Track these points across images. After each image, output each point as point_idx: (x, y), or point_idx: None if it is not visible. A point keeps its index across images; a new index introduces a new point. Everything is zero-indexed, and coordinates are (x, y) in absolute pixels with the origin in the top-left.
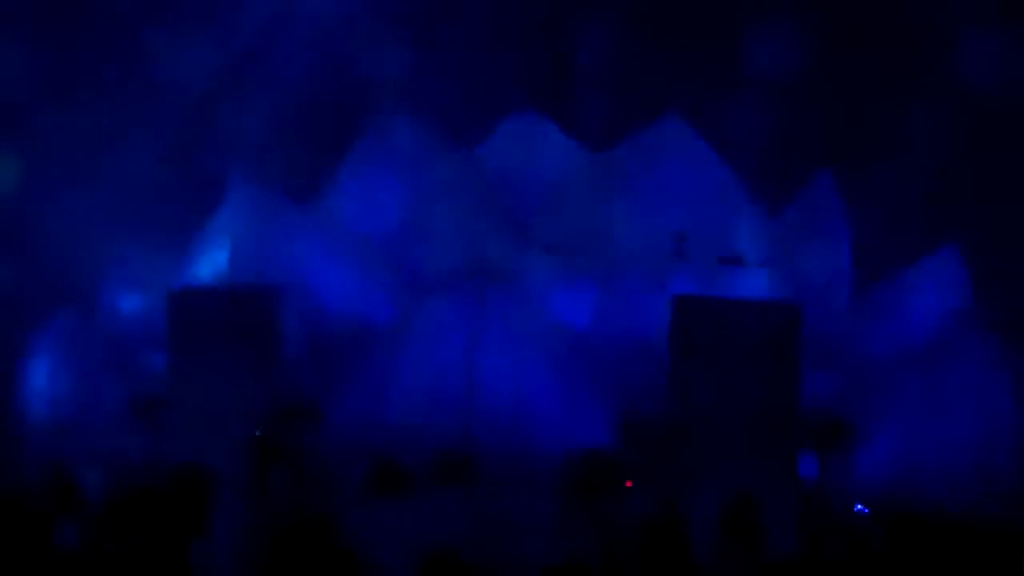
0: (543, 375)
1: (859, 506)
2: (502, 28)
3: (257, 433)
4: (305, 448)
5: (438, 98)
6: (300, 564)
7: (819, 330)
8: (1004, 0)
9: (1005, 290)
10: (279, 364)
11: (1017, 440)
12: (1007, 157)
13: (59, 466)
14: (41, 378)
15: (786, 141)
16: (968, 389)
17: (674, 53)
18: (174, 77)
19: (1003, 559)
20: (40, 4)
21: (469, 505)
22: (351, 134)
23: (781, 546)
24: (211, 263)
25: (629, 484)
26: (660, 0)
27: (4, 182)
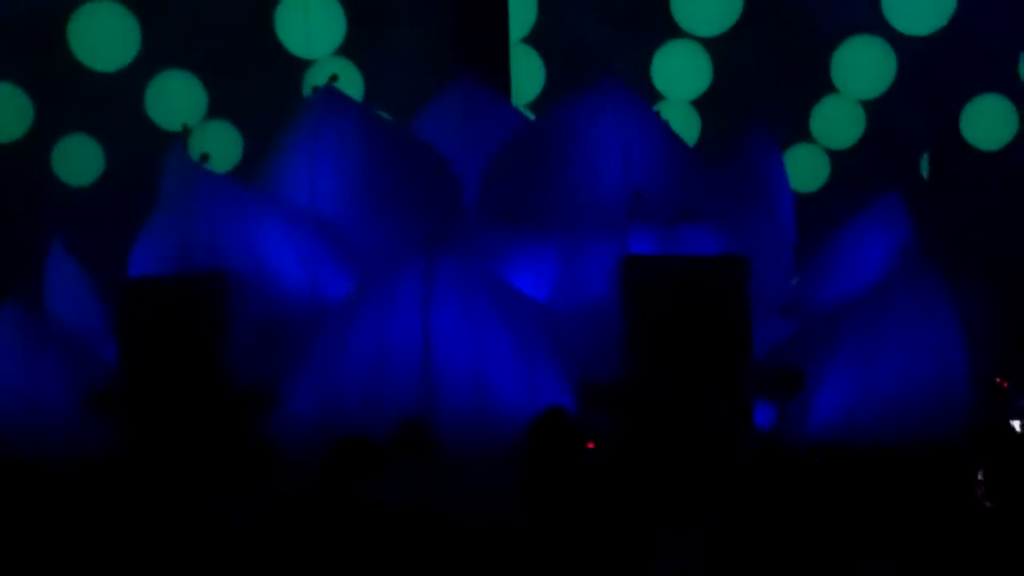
0: (500, 343)
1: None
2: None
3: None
4: (261, 433)
5: (373, 70)
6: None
7: (767, 281)
8: None
9: (945, 226)
10: (228, 351)
11: (966, 370)
12: (945, 96)
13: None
14: None
15: (722, 93)
16: (915, 326)
17: (604, 12)
18: (100, 58)
19: (954, 484)
20: None
21: (431, 475)
22: (287, 110)
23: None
24: (156, 251)
25: (591, 445)
26: None
27: None
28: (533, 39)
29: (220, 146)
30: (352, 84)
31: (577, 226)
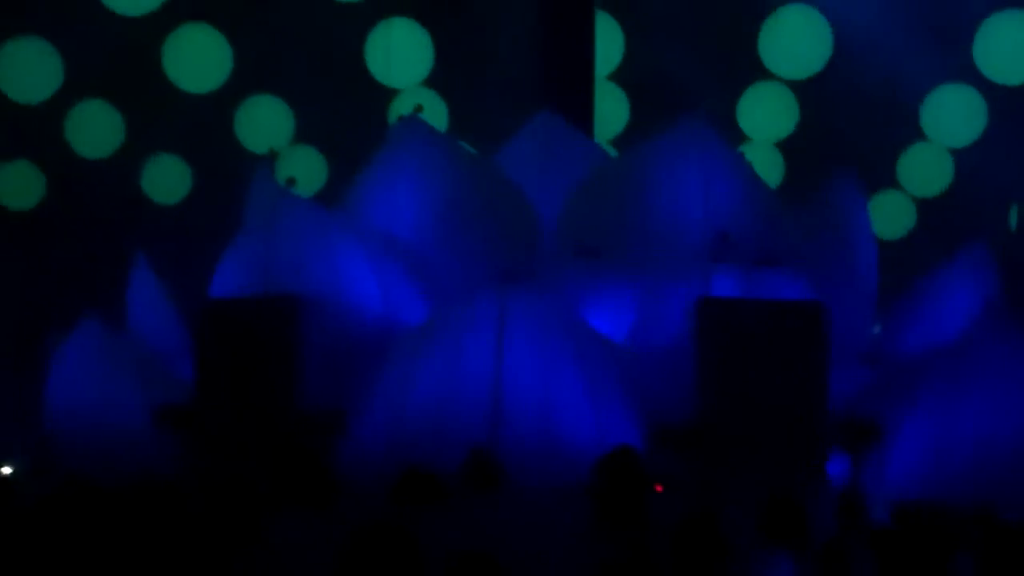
0: (570, 379)
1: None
2: (520, 33)
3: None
4: (331, 457)
5: (459, 102)
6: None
7: (846, 329)
8: None
9: None
10: (302, 373)
11: None
12: None
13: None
14: (66, 385)
15: (808, 136)
16: (997, 382)
17: (694, 53)
18: (192, 80)
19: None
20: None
21: (498, 511)
22: (373, 138)
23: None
24: (239, 271)
25: (659, 488)
26: (677, 2)
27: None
28: (619, 76)
29: (305, 171)
30: (437, 115)
31: (655, 265)
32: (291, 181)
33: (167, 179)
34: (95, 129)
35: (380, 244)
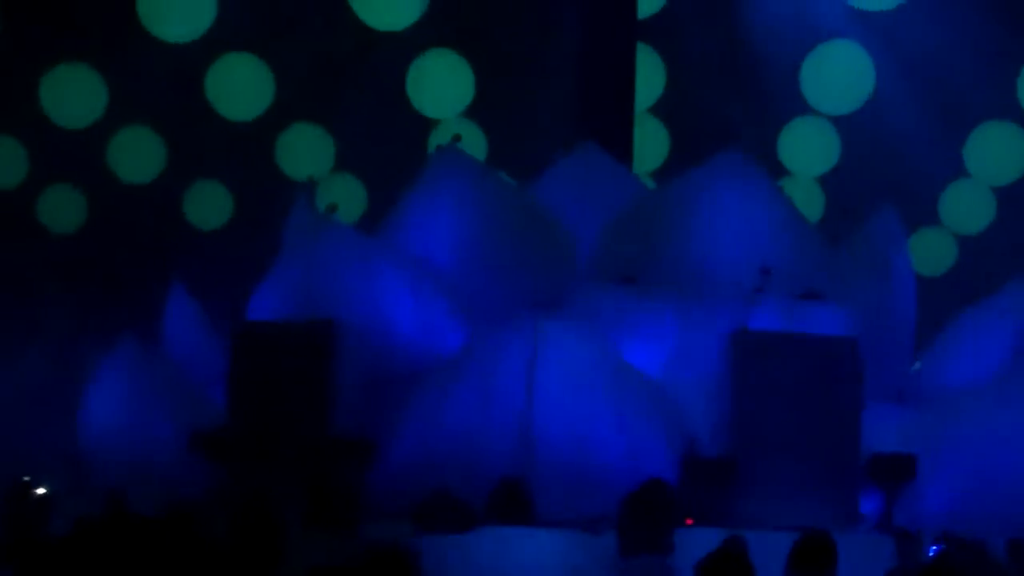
0: (603, 410)
1: (934, 548)
2: (562, 64)
3: None
4: (362, 483)
5: (498, 131)
6: None
7: (884, 365)
8: None
9: None
10: (335, 399)
11: None
12: None
13: (120, 496)
14: (101, 407)
15: (849, 175)
16: None
17: (735, 87)
18: (231, 108)
19: None
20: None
21: (525, 542)
22: (411, 167)
23: None
24: (277, 296)
25: (690, 521)
26: (718, 33)
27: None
28: (659, 109)
29: (345, 198)
30: (476, 145)
31: (691, 297)
32: (332, 207)
33: (208, 205)
34: (138, 155)
35: (419, 271)
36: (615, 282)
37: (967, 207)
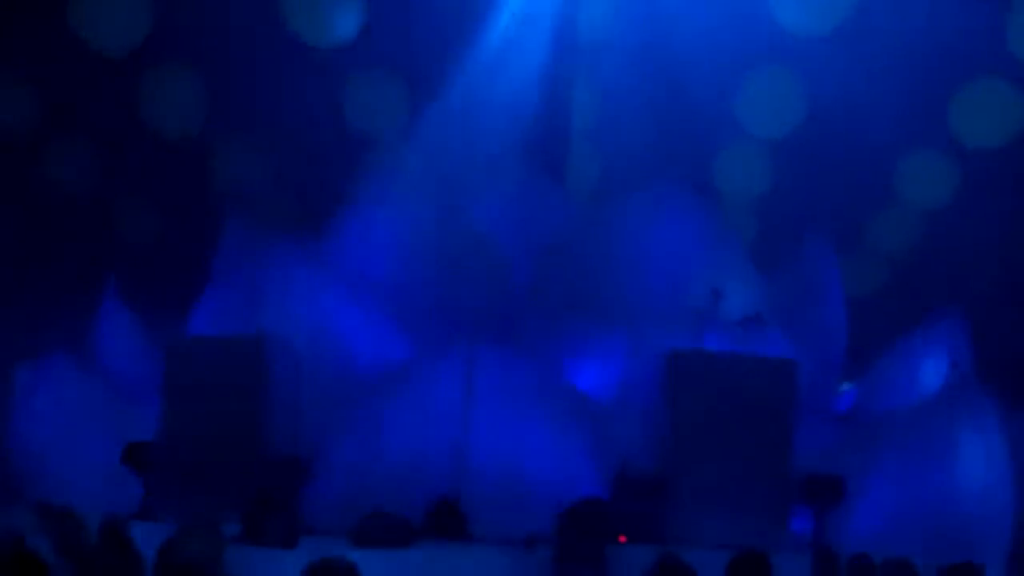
0: (537, 431)
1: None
2: (498, 86)
3: None
4: (297, 499)
5: (432, 149)
6: None
7: (815, 387)
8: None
9: (1004, 349)
10: (269, 414)
11: (1012, 496)
12: (1006, 210)
13: (51, 511)
14: (32, 419)
15: (781, 199)
16: (963, 445)
17: (668, 112)
18: (166, 122)
19: None
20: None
21: (461, 559)
22: (344, 185)
23: None
24: (217, 310)
25: (623, 539)
26: (653, 59)
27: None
28: (594, 131)
29: (281, 213)
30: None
31: (627, 320)
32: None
33: (141, 218)
34: (74, 164)
35: (365, 285)
36: (549, 305)
37: (897, 230)
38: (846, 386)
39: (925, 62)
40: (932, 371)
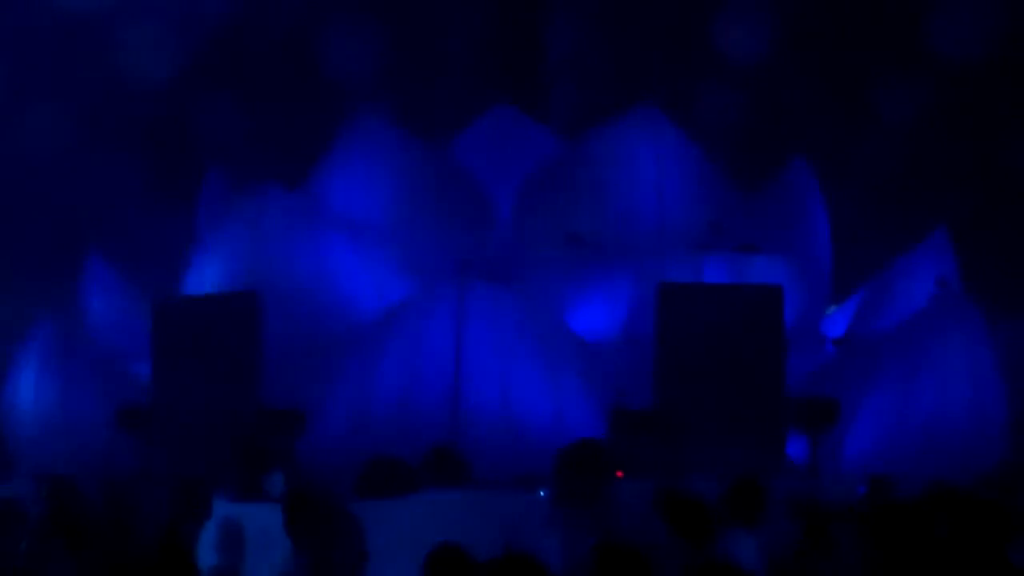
0: (528, 368)
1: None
2: (473, 24)
3: None
4: (295, 450)
5: (412, 94)
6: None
7: (803, 313)
8: None
9: (990, 265)
10: (261, 368)
11: (1004, 411)
12: (987, 131)
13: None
14: (25, 389)
15: (760, 126)
16: (951, 356)
17: (645, 42)
18: (141, 74)
19: (985, 532)
20: None
21: (463, 501)
22: (325, 133)
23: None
24: (197, 268)
25: (620, 474)
26: None
27: None
28: (574, 63)
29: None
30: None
31: (644, 255)
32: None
33: (119, 174)
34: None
35: (361, 230)
36: (533, 240)
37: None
38: (831, 309)
39: None
40: (926, 290)
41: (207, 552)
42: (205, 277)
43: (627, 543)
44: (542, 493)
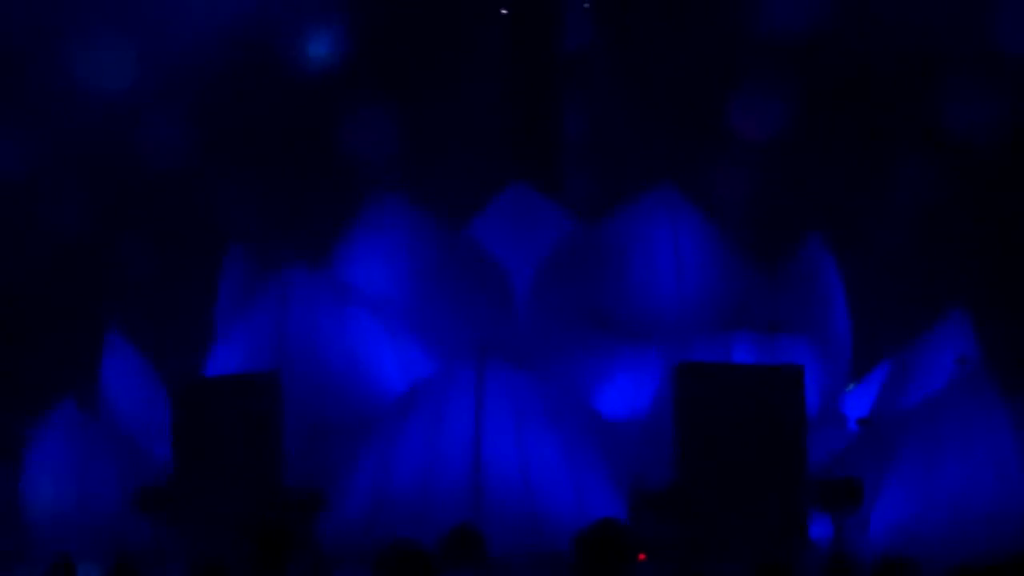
0: (548, 450)
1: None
2: (490, 104)
3: None
4: (314, 534)
5: (430, 177)
6: None
7: (824, 393)
8: (982, 52)
9: (1010, 346)
10: (282, 449)
11: None
12: (1003, 209)
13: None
14: (42, 470)
15: (776, 205)
16: (973, 436)
17: (661, 123)
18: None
19: None
20: None
21: None
22: (343, 212)
23: None
24: (220, 348)
25: (643, 557)
26: (645, 72)
27: None
28: (588, 142)
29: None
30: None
31: (632, 332)
32: None
33: (141, 257)
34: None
35: (391, 312)
36: (551, 320)
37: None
38: (851, 386)
39: None
40: (940, 368)
41: None
42: (228, 357)
43: None
44: None
